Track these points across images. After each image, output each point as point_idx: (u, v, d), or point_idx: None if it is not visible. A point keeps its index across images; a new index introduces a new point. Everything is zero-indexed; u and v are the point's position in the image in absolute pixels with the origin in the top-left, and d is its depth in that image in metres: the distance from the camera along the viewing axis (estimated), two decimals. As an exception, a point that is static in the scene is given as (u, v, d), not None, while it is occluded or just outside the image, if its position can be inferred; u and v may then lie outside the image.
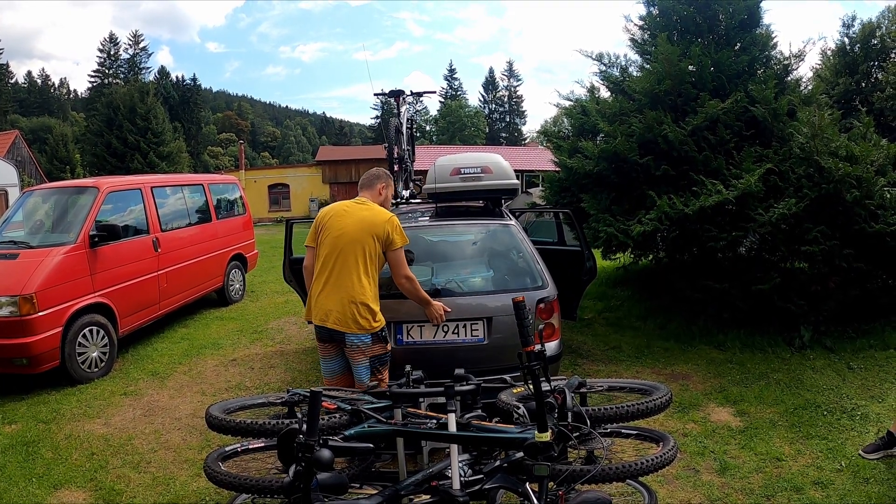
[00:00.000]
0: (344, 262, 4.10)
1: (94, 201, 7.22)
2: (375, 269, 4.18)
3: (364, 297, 4.07)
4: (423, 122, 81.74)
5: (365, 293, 4.08)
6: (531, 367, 2.67)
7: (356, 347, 4.09)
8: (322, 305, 4.12)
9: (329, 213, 4.31)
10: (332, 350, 4.23)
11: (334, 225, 4.20)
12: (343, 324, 4.05)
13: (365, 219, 4.18)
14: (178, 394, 6.26)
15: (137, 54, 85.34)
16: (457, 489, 2.64)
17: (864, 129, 7.10)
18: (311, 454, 2.16)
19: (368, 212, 4.23)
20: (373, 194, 4.42)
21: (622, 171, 7.31)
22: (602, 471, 2.91)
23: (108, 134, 38.32)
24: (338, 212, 4.28)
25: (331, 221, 4.23)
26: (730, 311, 7.12)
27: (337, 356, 4.24)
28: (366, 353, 4.11)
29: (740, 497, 4.00)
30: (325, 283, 4.14)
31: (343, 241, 4.12)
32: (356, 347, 4.09)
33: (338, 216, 4.24)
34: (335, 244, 4.13)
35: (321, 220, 4.30)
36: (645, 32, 8.53)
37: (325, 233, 4.21)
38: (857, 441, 4.64)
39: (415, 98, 8.03)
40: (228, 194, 10.76)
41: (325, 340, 4.21)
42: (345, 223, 4.17)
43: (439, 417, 3.11)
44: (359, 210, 4.25)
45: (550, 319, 4.76)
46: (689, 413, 5.29)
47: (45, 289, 6.24)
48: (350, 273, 4.08)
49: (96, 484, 4.46)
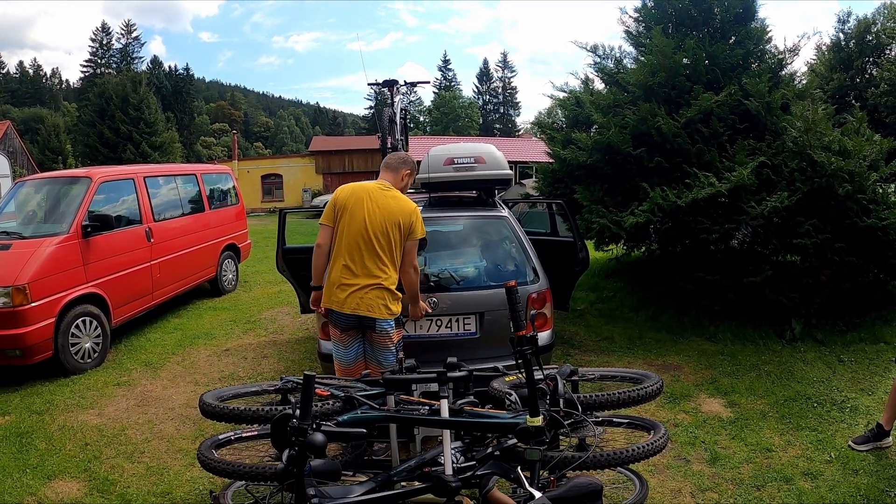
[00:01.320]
0: (371, 249, 4.07)
1: (86, 191, 7.19)
2: (398, 254, 4.16)
3: (391, 284, 4.10)
4: (417, 113, 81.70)
5: (391, 280, 4.11)
6: (523, 351, 2.70)
7: (385, 333, 4.11)
8: (350, 292, 4.06)
9: (350, 194, 4.20)
10: (353, 336, 4.18)
11: (359, 209, 4.12)
12: (376, 310, 4.05)
13: (392, 208, 4.13)
14: (171, 384, 6.26)
15: (130, 44, 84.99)
16: (449, 475, 2.66)
17: (857, 125, 7.14)
18: (304, 438, 2.17)
19: (394, 200, 4.17)
20: (396, 179, 4.36)
21: (615, 162, 7.32)
22: (592, 457, 2.95)
23: (100, 124, 38.09)
24: (361, 196, 4.17)
25: (355, 205, 4.14)
26: (721, 304, 7.15)
27: (356, 342, 4.21)
28: (393, 339, 4.16)
29: (730, 487, 4.03)
30: (351, 270, 4.09)
31: (371, 228, 4.08)
32: (385, 333, 4.11)
33: (361, 200, 4.14)
34: (362, 230, 4.08)
35: (341, 201, 4.19)
36: (640, 25, 8.56)
37: (348, 216, 4.13)
38: (846, 433, 4.68)
39: (409, 88, 8.02)
40: (221, 184, 10.73)
41: (348, 328, 4.16)
42: (371, 209, 4.11)
43: (431, 404, 3.13)
44: (384, 196, 4.17)
45: (542, 309, 4.79)
46: (680, 404, 5.32)
47: (38, 279, 6.22)
48: (377, 260, 4.07)
49: (90, 474, 4.47)
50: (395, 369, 3.63)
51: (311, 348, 6.98)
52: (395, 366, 3.94)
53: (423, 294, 4.60)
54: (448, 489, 2.59)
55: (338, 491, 2.53)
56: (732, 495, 3.93)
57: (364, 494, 2.57)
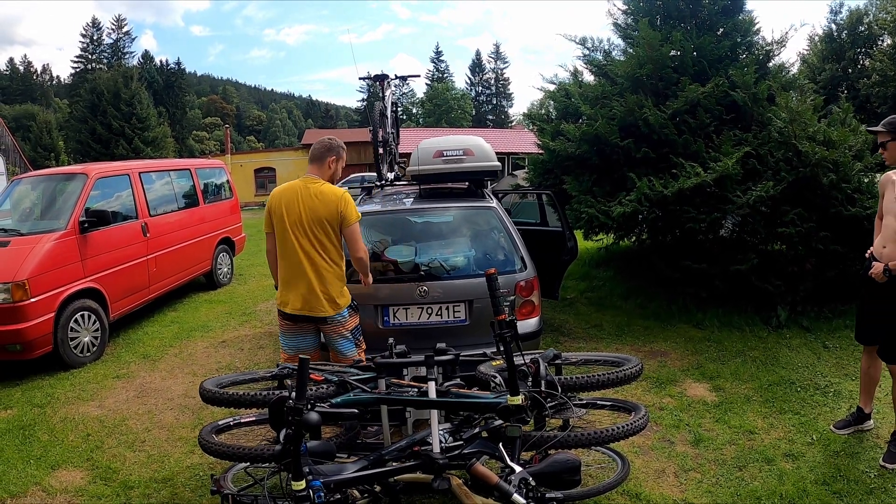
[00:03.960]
0: (307, 250, 4.14)
1: (83, 188, 7.28)
2: (337, 247, 4.24)
3: (335, 278, 4.20)
4: (410, 105, 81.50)
5: (333, 276, 4.20)
6: (502, 334, 2.83)
7: (337, 323, 4.22)
8: (295, 294, 4.19)
9: (280, 197, 4.24)
10: (305, 328, 4.30)
11: (288, 211, 4.17)
12: (322, 309, 4.16)
13: (316, 207, 4.14)
14: (169, 375, 6.37)
15: (121, 39, 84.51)
16: (437, 453, 2.78)
17: (842, 115, 7.25)
18: (299, 417, 2.29)
19: (319, 198, 4.16)
20: (322, 169, 4.31)
21: (603, 153, 7.43)
22: (572, 436, 3.08)
23: (92, 120, 38.10)
24: (290, 199, 4.20)
25: (284, 208, 4.19)
26: (708, 291, 7.27)
27: (310, 333, 4.32)
28: (346, 326, 4.26)
29: (713, 467, 4.16)
30: (293, 272, 4.19)
31: (301, 229, 4.14)
32: (337, 323, 4.22)
33: (290, 204, 4.18)
34: (294, 232, 4.15)
35: (273, 208, 4.25)
36: (628, 17, 8.65)
37: (280, 220, 4.20)
38: (829, 416, 4.80)
39: (400, 81, 8.11)
40: (215, 179, 10.80)
41: (298, 320, 4.26)
42: (298, 209, 4.16)
43: (420, 387, 3.26)
44: (310, 196, 4.17)
45: (530, 297, 4.91)
46: (666, 388, 5.45)
47: (37, 275, 6.32)
48: (315, 259, 4.14)
49: (93, 463, 4.59)
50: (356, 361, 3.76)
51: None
52: (355, 352, 4.23)
53: (415, 283, 4.78)
54: (436, 466, 2.72)
55: (332, 469, 2.66)
56: (715, 475, 4.06)
57: (356, 472, 2.70)
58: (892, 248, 4.16)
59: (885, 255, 4.20)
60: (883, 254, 4.22)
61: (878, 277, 4.16)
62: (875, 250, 4.35)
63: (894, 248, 4.15)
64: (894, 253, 4.14)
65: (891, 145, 4.17)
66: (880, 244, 4.29)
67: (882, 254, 4.24)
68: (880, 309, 4.27)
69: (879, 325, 4.30)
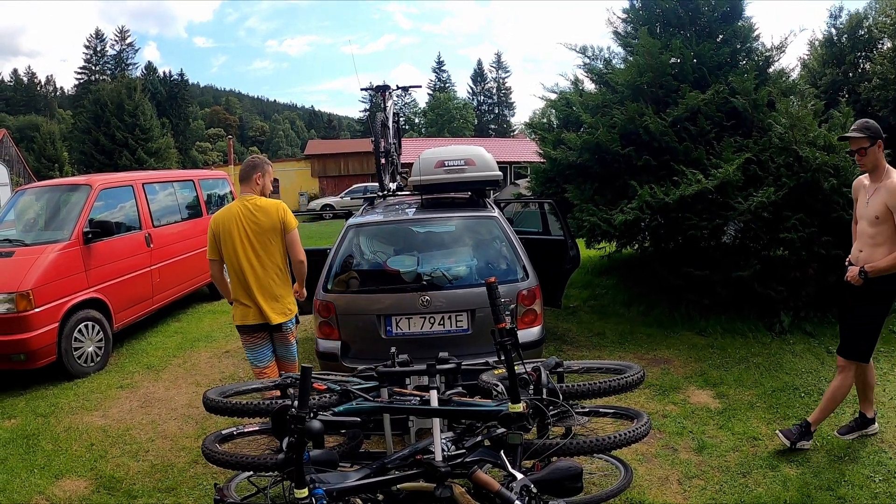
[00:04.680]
0: (254, 264, 4.45)
1: (87, 199, 7.32)
2: (283, 257, 4.58)
3: (283, 289, 4.57)
4: (412, 115, 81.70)
5: (283, 285, 4.57)
6: (503, 342, 2.84)
7: (288, 331, 4.64)
8: (252, 307, 4.50)
9: (223, 220, 4.50)
10: (262, 337, 4.61)
11: (235, 231, 4.44)
12: (274, 318, 4.50)
13: (260, 220, 4.45)
14: (173, 385, 6.39)
15: (124, 50, 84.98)
16: (439, 461, 2.79)
17: (843, 119, 7.24)
18: (302, 425, 2.31)
19: (260, 212, 4.46)
20: (252, 186, 4.59)
21: (605, 161, 7.45)
22: (574, 444, 3.08)
23: (95, 131, 38.23)
24: (228, 224, 4.47)
25: (227, 235, 4.46)
26: (711, 298, 7.26)
27: (268, 342, 4.65)
28: (294, 334, 4.74)
29: (716, 474, 4.15)
30: (246, 287, 4.47)
31: (250, 244, 4.44)
32: (288, 331, 4.64)
33: (234, 222, 4.46)
34: (243, 248, 4.44)
35: (217, 233, 4.52)
36: (628, 25, 8.67)
37: (228, 240, 4.46)
38: (833, 422, 4.77)
39: (402, 92, 8.16)
40: (218, 189, 10.84)
41: (256, 331, 4.58)
42: (244, 226, 4.44)
43: (423, 395, 3.27)
44: (250, 213, 4.46)
45: (532, 306, 4.92)
46: (669, 395, 5.45)
47: (42, 285, 6.35)
48: (265, 271, 4.47)
49: (97, 473, 4.60)
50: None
51: (308, 349, 7.07)
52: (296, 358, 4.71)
53: (417, 293, 4.80)
54: (438, 474, 2.72)
55: (335, 477, 2.66)
56: (718, 482, 4.05)
57: (359, 480, 2.71)
58: (868, 251, 4.19)
59: (861, 259, 4.24)
60: (859, 258, 4.26)
61: (854, 280, 4.19)
62: (852, 255, 4.38)
63: (870, 251, 4.18)
64: (870, 256, 4.16)
65: (870, 150, 4.14)
66: (857, 249, 4.33)
67: (858, 258, 4.28)
68: (862, 312, 4.29)
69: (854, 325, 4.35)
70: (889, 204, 4.02)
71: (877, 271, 4.10)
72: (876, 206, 4.10)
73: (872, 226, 4.14)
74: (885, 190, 4.06)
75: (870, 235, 4.17)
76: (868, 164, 4.19)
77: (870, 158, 4.16)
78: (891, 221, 4.05)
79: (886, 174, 4.14)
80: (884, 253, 4.10)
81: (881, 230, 4.10)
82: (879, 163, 4.18)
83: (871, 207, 4.15)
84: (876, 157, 4.16)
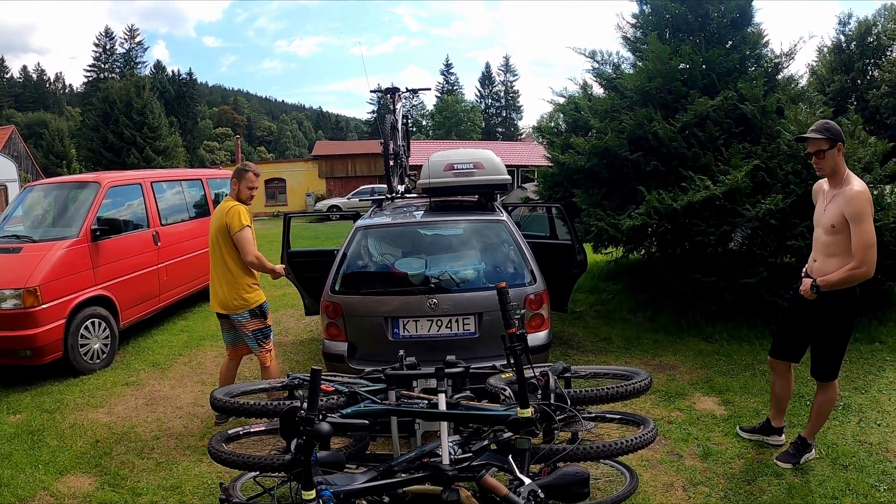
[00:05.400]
0: (215, 257, 5.12)
1: (95, 196, 7.35)
2: (234, 255, 5.03)
3: (235, 283, 5.04)
4: (420, 117, 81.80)
5: (236, 280, 5.04)
6: (513, 347, 2.85)
7: (239, 324, 5.12)
8: (212, 295, 5.20)
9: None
10: (225, 325, 5.31)
11: (210, 226, 5.23)
12: (224, 307, 5.10)
13: (215, 220, 5.14)
14: (178, 384, 6.40)
15: (133, 49, 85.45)
16: (446, 465, 2.79)
17: (852, 127, 7.23)
18: (311, 427, 2.31)
19: (219, 213, 5.11)
20: (232, 191, 5.21)
21: (613, 166, 7.45)
22: (581, 449, 3.09)
23: (103, 129, 38.41)
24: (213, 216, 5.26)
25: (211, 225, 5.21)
26: (718, 304, 7.24)
27: (230, 330, 5.30)
28: (247, 328, 5.11)
29: (721, 481, 4.14)
30: (211, 277, 5.20)
31: (211, 240, 5.14)
32: (239, 324, 5.12)
33: (212, 220, 5.25)
34: (211, 243, 5.16)
35: None
36: (637, 30, 8.67)
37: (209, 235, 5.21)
38: (838, 430, 4.77)
39: (411, 94, 8.17)
40: (226, 189, 10.81)
41: (221, 317, 5.26)
42: (213, 224, 5.16)
43: (430, 399, 3.27)
44: (217, 212, 5.16)
45: (539, 310, 4.92)
46: (674, 402, 5.43)
47: (49, 282, 6.38)
48: (220, 265, 5.08)
49: (101, 469, 4.61)
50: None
51: (315, 349, 7.11)
52: (259, 351, 5.17)
53: (425, 295, 4.82)
54: (445, 478, 2.72)
55: (342, 479, 2.67)
56: (723, 489, 4.04)
57: (366, 482, 2.71)
58: (822, 261, 4.03)
59: (815, 269, 4.09)
60: (814, 268, 4.11)
61: (807, 294, 4.02)
62: (808, 264, 4.24)
63: (823, 262, 4.02)
64: (824, 267, 4.00)
65: (829, 153, 3.93)
66: (811, 257, 4.18)
67: (812, 268, 4.13)
68: (807, 324, 4.19)
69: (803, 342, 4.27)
70: (846, 213, 3.81)
71: (828, 285, 3.92)
72: (833, 213, 3.91)
73: (828, 234, 3.96)
74: (842, 198, 3.86)
75: (825, 244, 4.00)
76: (826, 168, 3.99)
77: (828, 162, 3.95)
78: (847, 231, 3.84)
79: (846, 180, 3.93)
80: (837, 264, 3.93)
81: (836, 240, 3.92)
82: (839, 167, 3.96)
83: (828, 215, 3.96)
84: (835, 161, 3.95)
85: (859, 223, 3.79)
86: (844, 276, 3.86)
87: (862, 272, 3.82)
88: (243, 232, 4.93)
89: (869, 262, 3.80)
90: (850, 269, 3.84)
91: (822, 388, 4.27)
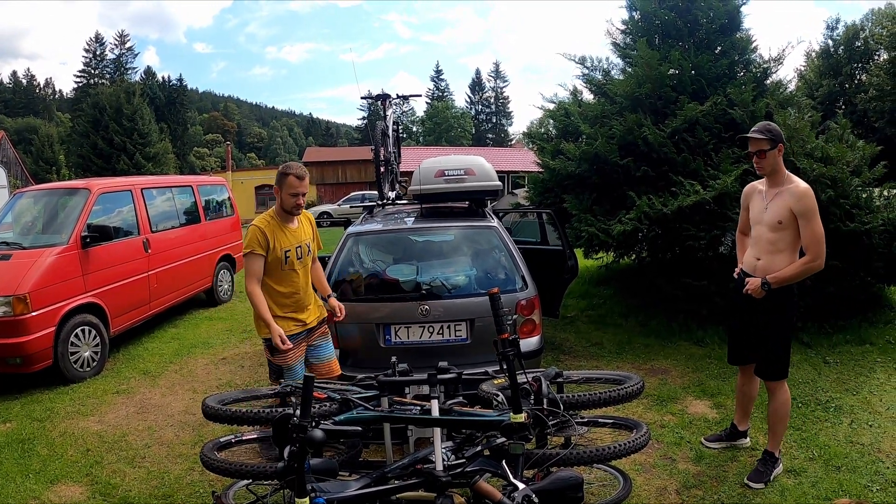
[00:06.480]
0: None
1: (85, 203, 7.31)
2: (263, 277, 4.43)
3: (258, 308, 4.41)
4: (410, 124, 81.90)
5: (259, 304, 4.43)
6: (506, 353, 2.85)
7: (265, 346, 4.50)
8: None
9: None
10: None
11: None
12: None
13: None
14: (169, 392, 6.37)
15: (123, 54, 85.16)
16: (440, 471, 2.79)
17: (840, 131, 7.29)
18: (304, 434, 2.31)
19: None
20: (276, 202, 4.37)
21: (603, 172, 7.48)
22: (574, 454, 3.09)
23: (93, 135, 38.19)
24: None
25: None
26: (708, 308, 7.26)
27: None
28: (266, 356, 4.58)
29: (714, 484, 4.15)
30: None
31: None
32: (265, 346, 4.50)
33: None
34: None
35: None
36: (627, 36, 8.72)
37: None
38: (830, 432, 4.80)
39: (401, 101, 8.18)
40: (217, 195, 10.83)
41: None
42: None
43: (423, 405, 3.27)
44: None
45: (531, 316, 4.93)
46: (667, 406, 5.45)
47: (39, 289, 6.33)
48: None
49: (92, 478, 4.57)
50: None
51: (306, 356, 7.08)
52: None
53: (416, 302, 4.82)
54: (439, 484, 2.72)
55: (335, 486, 2.66)
56: (717, 492, 4.05)
57: (359, 489, 2.71)
58: (767, 259, 4.08)
59: (759, 267, 4.12)
60: (758, 266, 4.14)
61: (756, 293, 4.04)
62: (746, 265, 4.27)
63: (769, 259, 4.07)
64: (770, 265, 4.05)
65: (770, 153, 4.00)
66: (752, 257, 4.20)
67: (756, 267, 4.15)
68: (759, 323, 4.19)
69: (758, 342, 4.23)
70: (795, 209, 3.90)
71: (780, 281, 3.97)
72: (778, 210, 3.98)
73: (774, 231, 4.01)
74: (789, 194, 3.94)
75: (770, 241, 4.05)
76: (766, 168, 4.06)
77: (769, 162, 4.02)
78: (794, 227, 3.94)
79: (788, 179, 4.04)
80: (784, 260, 4.01)
81: (782, 236, 3.99)
82: (778, 167, 4.05)
83: (771, 212, 4.02)
84: (775, 161, 4.03)
85: (811, 219, 3.90)
86: (800, 270, 3.95)
87: (816, 265, 3.94)
88: (245, 256, 4.35)
89: (822, 256, 3.94)
90: (804, 262, 3.94)
91: (774, 392, 4.24)
